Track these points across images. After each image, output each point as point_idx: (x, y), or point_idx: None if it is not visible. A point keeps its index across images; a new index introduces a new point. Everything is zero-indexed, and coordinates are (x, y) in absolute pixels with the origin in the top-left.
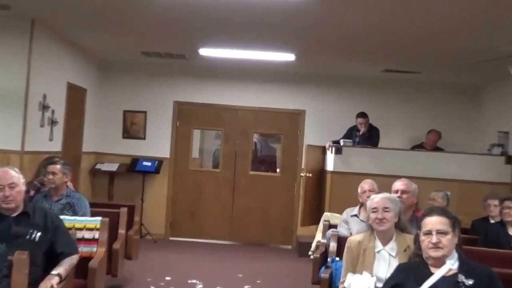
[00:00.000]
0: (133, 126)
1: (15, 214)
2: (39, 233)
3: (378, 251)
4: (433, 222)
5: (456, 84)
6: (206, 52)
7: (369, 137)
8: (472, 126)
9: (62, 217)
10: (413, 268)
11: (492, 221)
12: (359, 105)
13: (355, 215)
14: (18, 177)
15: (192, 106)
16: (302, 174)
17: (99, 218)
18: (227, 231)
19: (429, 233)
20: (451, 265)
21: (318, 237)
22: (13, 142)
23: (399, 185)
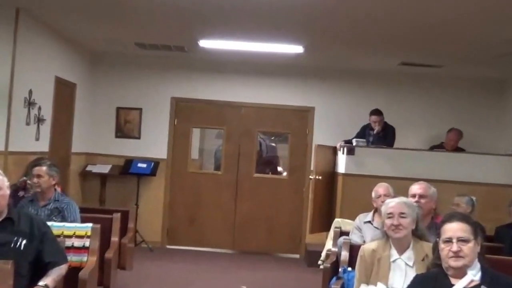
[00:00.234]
0: (127, 125)
1: None
2: (25, 241)
3: (394, 261)
4: (454, 229)
5: (479, 79)
6: (207, 43)
7: (384, 136)
8: (497, 124)
9: (49, 223)
10: (432, 279)
11: None
12: (373, 102)
13: (369, 222)
14: (1, 179)
15: (191, 103)
16: (311, 177)
17: (90, 225)
18: (229, 238)
19: (449, 240)
20: (473, 276)
21: (329, 245)
22: None
23: (416, 188)
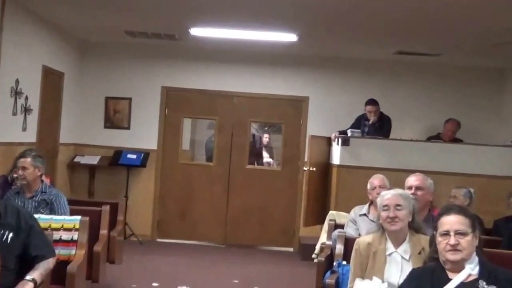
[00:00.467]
0: (116, 115)
1: None
2: (11, 234)
3: (390, 254)
4: (451, 221)
5: (477, 68)
6: (198, 32)
7: (379, 127)
8: (495, 114)
9: (37, 216)
10: (429, 273)
11: None
12: (369, 91)
13: (364, 214)
14: None
15: (182, 92)
16: (305, 168)
17: (78, 217)
18: (221, 231)
19: (446, 234)
20: (471, 270)
21: (323, 238)
22: None
23: (413, 180)
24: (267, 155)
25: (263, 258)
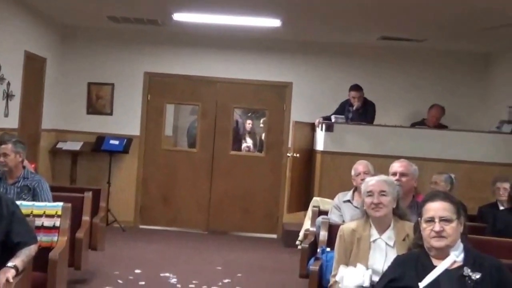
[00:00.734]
0: (98, 100)
1: None
2: None
3: (374, 241)
4: (436, 208)
5: (462, 53)
6: (181, 17)
7: (363, 113)
8: (480, 100)
9: (18, 202)
10: (413, 260)
11: (502, 207)
12: (353, 77)
13: (348, 201)
14: None
15: (165, 78)
16: (288, 154)
17: (61, 204)
18: (204, 218)
19: (431, 220)
20: (455, 256)
21: (307, 225)
22: None
23: (397, 166)
24: (250, 141)
25: (246, 244)
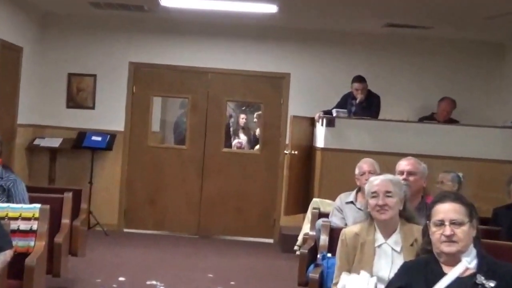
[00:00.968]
0: (80, 93)
1: None
2: None
3: (379, 246)
4: (446, 210)
5: (475, 42)
6: (169, 2)
7: (367, 106)
8: (494, 93)
9: None
10: (422, 267)
11: None
12: (356, 68)
13: (351, 202)
14: None
15: (152, 68)
16: (286, 152)
17: (38, 206)
18: (194, 221)
19: (441, 223)
20: (468, 263)
21: (306, 228)
22: None
23: (404, 164)
24: (244, 137)
25: (240, 250)
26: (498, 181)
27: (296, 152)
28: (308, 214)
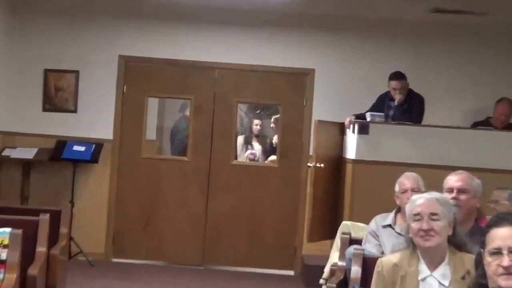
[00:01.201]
0: (59, 93)
1: None
2: None
3: (423, 279)
4: (504, 236)
5: None
6: None
7: (408, 109)
8: None
9: None
10: None
11: None
12: (395, 62)
13: (389, 225)
14: None
15: (147, 63)
16: (310, 164)
17: (8, 230)
18: (198, 248)
19: (497, 252)
20: None
21: (334, 257)
22: None
23: (454, 180)
24: (259, 146)
25: (254, 284)
26: None
27: (322, 165)
28: (337, 241)
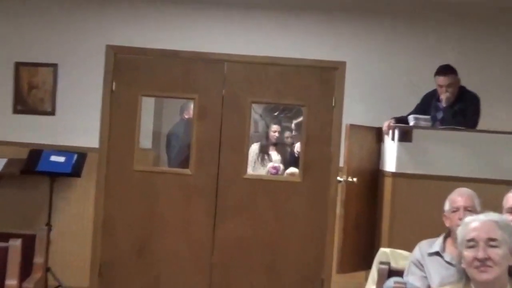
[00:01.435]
0: (33, 91)
1: None
2: None
3: None
4: None
5: None
6: None
7: (461, 111)
8: None
9: None
10: None
11: None
12: (443, 54)
13: (437, 253)
14: None
15: (140, 55)
16: (340, 179)
17: None
18: (204, 280)
19: None
20: None
21: None
22: None
23: None
24: (277, 156)
25: None
26: None
27: (354, 180)
28: (373, 272)
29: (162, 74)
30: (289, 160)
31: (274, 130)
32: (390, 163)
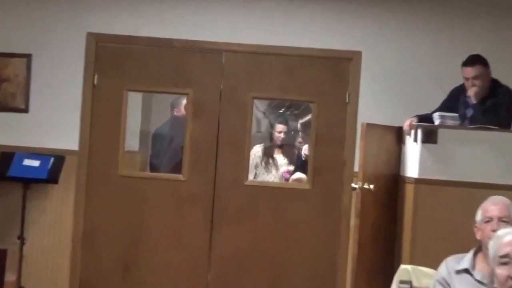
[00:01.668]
0: (3, 86)
1: None
2: None
3: None
4: None
5: None
6: None
7: (492, 108)
8: None
9: None
10: None
11: None
12: (469, 44)
13: (466, 270)
14: None
15: (126, 44)
16: (354, 185)
17: None
18: None
19: None
20: None
21: None
22: None
23: None
24: (283, 159)
25: None
26: None
27: (371, 186)
28: None
29: (151, 65)
30: (296, 164)
31: (280, 130)
32: (412, 168)
